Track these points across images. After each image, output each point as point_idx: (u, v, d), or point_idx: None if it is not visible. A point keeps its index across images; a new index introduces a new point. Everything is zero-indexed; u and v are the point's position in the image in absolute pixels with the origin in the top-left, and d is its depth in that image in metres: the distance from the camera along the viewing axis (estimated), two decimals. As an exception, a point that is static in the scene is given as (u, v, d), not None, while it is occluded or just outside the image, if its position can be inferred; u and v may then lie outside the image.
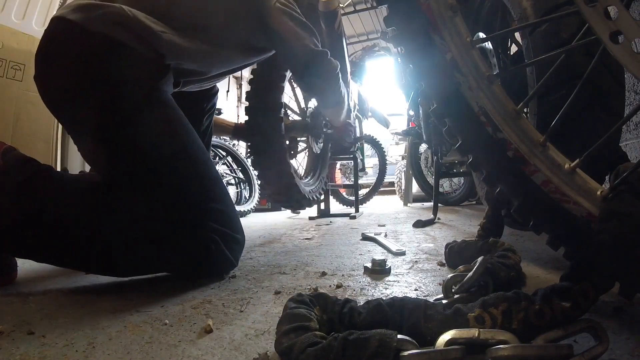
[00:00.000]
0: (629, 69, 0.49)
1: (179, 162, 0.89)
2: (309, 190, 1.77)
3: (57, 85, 0.87)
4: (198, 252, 0.86)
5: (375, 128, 4.02)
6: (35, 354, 0.50)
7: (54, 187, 0.84)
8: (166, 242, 0.85)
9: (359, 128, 2.95)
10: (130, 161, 0.87)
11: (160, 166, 0.87)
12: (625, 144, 1.36)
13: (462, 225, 1.91)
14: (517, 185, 0.64)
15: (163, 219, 0.85)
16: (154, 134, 0.87)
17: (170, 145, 0.89)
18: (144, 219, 0.84)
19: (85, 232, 0.80)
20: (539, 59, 0.74)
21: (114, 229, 0.82)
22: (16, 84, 1.67)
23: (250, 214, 3.13)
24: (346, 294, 0.74)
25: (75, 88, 0.85)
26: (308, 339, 0.40)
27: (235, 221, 0.96)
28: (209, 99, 1.32)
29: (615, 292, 0.48)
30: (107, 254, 0.82)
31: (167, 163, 0.88)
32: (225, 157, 3.31)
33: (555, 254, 0.78)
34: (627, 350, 0.45)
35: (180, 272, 0.91)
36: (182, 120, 0.94)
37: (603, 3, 0.49)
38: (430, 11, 0.63)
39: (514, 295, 0.44)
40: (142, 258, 0.85)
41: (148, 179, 0.87)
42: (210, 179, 0.95)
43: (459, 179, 3.42)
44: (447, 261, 0.97)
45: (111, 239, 0.81)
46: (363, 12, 5.89)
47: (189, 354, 0.49)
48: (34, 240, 0.79)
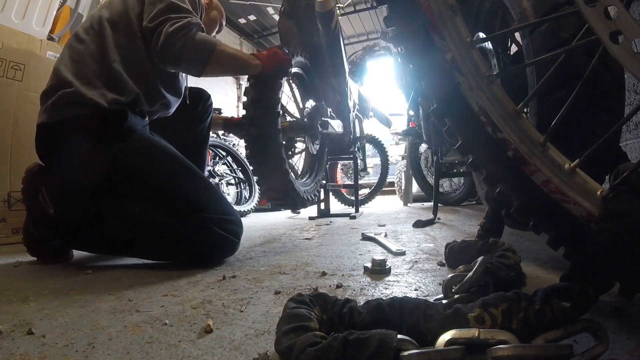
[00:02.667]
0: (629, 69, 0.49)
1: (162, 175, 1.10)
2: (304, 190, 1.76)
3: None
4: (196, 241, 1.04)
5: (376, 128, 4.02)
6: (35, 354, 0.50)
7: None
8: (166, 236, 1.06)
9: (360, 128, 2.94)
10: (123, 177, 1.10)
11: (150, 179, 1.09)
12: (625, 144, 1.36)
13: (462, 225, 1.91)
14: (517, 185, 0.64)
15: (162, 219, 1.06)
16: (136, 157, 1.09)
17: (152, 162, 1.11)
18: (146, 219, 1.07)
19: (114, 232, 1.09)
20: (539, 59, 0.74)
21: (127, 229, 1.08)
22: (16, 84, 1.67)
23: (250, 214, 3.12)
24: (346, 294, 0.74)
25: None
26: (308, 339, 0.40)
27: (222, 204, 1.14)
28: (199, 104, 1.45)
29: (615, 292, 0.48)
30: (130, 245, 1.12)
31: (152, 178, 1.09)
32: (225, 157, 3.31)
33: (555, 254, 0.78)
34: (627, 350, 0.45)
35: (187, 259, 1.09)
36: (155, 141, 1.17)
37: (603, 3, 0.49)
38: (430, 11, 0.63)
39: (514, 295, 0.44)
40: (154, 249, 1.10)
41: (142, 189, 1.09)
42: (194, 179, 1.14)
43: (459, 179, 3.42)
44: (447, 261, 0.97)
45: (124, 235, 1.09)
46: (363, 12, 5.89)
47: (189, 354, 0.49)
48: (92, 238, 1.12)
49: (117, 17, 1.15)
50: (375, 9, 5.67)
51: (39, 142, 1.14)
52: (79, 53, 1.11)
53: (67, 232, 1.14)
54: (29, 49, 1.72)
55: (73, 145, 1.07)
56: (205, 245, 1.06)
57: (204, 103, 1.47)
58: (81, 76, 1.08)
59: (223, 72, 1.28)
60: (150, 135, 1.19)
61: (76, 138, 1.06)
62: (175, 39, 1.07)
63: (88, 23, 1.17)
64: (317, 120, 1.81)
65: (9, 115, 1.66)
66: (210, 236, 1.06)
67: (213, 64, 1.14)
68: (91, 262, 1.19)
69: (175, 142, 1.25)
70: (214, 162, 3.23)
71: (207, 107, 1.49)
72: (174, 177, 1.10)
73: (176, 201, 1.07)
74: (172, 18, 1.09)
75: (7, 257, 1.30)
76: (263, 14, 6.14)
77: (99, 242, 1.14)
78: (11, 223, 1.65)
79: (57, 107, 1.06)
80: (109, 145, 1.07)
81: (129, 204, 1.08)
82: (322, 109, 1.87)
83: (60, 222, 1.14)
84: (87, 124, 1.05)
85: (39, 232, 1.15)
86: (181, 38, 1.07)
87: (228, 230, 1.09)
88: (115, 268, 1.09)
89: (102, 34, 1.12)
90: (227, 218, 1.11)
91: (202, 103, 1.46)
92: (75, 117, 1.05)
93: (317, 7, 1.78)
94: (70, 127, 1.06)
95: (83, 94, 1.05)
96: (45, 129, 1.09)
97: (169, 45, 1.07)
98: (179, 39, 1.07)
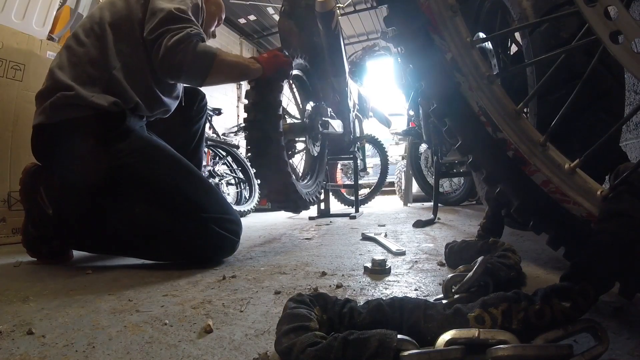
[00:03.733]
0: (629, 69, 0.49)
1: (160, 175, 1.10)
2: (306, 192, 1.76)
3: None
4: (196, 240, 1.05)
5: (376, 128, 4.02)
6: (35, 354, 0.50)
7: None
8: (166, 236, 1.06)
9: (360, 128, 2.94)
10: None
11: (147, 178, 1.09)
12: (625, 144, 1.36)
13: (462, 225, 1.91)
14: (517, 185, 0.64)
15: (161, 219, 1.07)
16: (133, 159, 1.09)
17: (149, 161, 1.11)
18: (145, 219, 1.08)
19: (114, 231, 1.10)
20: (539, 59, 0.74)
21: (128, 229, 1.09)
22: (16, 84, 1.67)
23: (250, 214, 3.12)
24: (346, 294, 0.74)
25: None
26: (308, 339, 0.40)
27: (221, 204, 1.14)
28: (194, 104, 1.46)
29: (615, 292, 0.48)
30: (129, 246, 1.12)
31: (151, 177, 1.09)
32: (225, 157, 3.31)
33: (555, 254, 0.78)
34: (627, 350, 0.45)
35: (187, 259, 1.09)
36: (154, 141, 1.17)
37: (603, 3, 0.49)
38: (430, 11, 0.63)
39: (514, 295, 0.44)
40: (154, 249, 1.10)
41: (141, 189, 1.09)
42: (194, 179, 1.14)
43: (459, 179, 3.41)
44: (447, 261, 0.97)
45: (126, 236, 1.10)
46: (363, 12, 5.89)
47: (189, 354, 0.49)
48: (91, 238, 1.14)
49: (119, 21, 1.14)
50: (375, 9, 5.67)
51: (36, 143, 1.13)
52: (79, 56, 1.11)
53: (67, 232, 1.14)
54: (29, 49, 1.72)
55: (72, 145, 1.06)
56: (205, 245, 1.06)
57: (199, 103, 1.48)
58: (81, 80, 1.07)
59: (225, 81, 1.28)
60: (149, 136, 1.19)
61: (75, 138, 1.06)
62: (174, 52, 1.06)
63: (89, 24, 1.16)
64: (318, 121, 1.81)
65: (9, 115, 1.66)
66: (210, 236, 1.06)
67: (214, 74, 1.14)
68: (91, 262, 1.19)
69: (171, 142, 1.25)
70: (214, 162, 3.22)
71: (202, 107, 1.49)
72: (173, 177, 1.10)
73: (176, 201, 1.07)
74: (172, 30, 1.08)
75: (7, 257, 1.30)
76: (263, 14, 6.14)
77: (99, 242, 1.14)
78: (11, 223, 1.65)
79: (56, 108, 1.06)
80: (109, 145, 1.07)
81: (128, 203, 1.08)
82: (322, 109, 1.87)
83: (59, 222, 1.14)
84: (86, 124, 1.05)
85: (38, 233, 1.15)
86: (181, 51, 1.06)
87: (228, 230, 1.09)
88: (115, 268, 1.09)
89: (104, 38, 1.12)
90: (227, 217, 1.11)
91: (197, 103, 1.47)
92: (75, 119, 1.05)
93: (317, 7, 1.79)
94: (70, 128, 1.06)
95: (84, 97, 1.04)
96: (43, 129, 1.09)
97: (169, 58, 1.07)
98: (178, 52, 1.06)
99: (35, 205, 1.16)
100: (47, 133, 1.09)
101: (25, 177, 1.18)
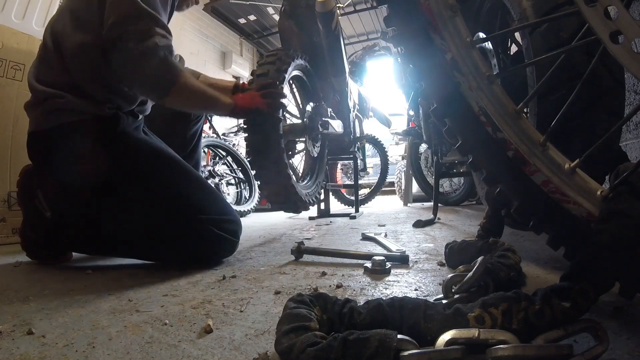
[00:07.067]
0: (629, 69, 0.49)
1: (159, 174, 1.10)
2: (306, 193, 1.76)
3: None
4: (194, 242, 1.05)
5: (376, 128, 4.02)
6: (35, 354, 0.50)
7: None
8: (165, 237, 1.05)
9: (360, 128, 2.94)
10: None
11: (148, 176, 1.08)
12: (625, 144, 1.36)
13: (462, 225, 1.91)
14: (517, 185, 0.64)
15: (160, 220, 1.05)
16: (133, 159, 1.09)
17: (146, 163, 1.10)
18: (144, 220, 1.05)
19: (112, 233, 1.08)
20: (539, 59, 0.74)
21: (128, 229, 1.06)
22: (16, 83, 1.67)
23: (250, 214, 3.12)
24: (346, 294, 0.74)
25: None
26: (308, 339, 0.40)
27: (220, 205, 1.14)
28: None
29: (615, 292, 0.48)
30: (130, 247, 1.11)
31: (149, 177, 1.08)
32: (225, 157, 3.31)
33: (555, 254, 0.78)
34: (627, 350, 0.45)
35: (187, 260, 1.08)
36: (152, 143, 1.16)
37: (603, 3, 0.49)
38: (430, 11, 0.63)
39: (514, 295, 0.44)
40: (152, 251, 1.10)
41: (139, 188, 1.07)
42: (192, 181, 1.13)
43: (459, 179, 3.41)
44: (447, 261, 0.97)
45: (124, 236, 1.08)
46: (363, 12, 5.89)
47: (189, 354, 0.49)
48: (90, 240, 1.12)
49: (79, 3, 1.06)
50: (375, 9, 5.67)
51: (32, 149, 1.12)
52: (48, 61, 1.07)
53: (65, 235, 1.14)
54: (29, 49, 1.72)
55: (69, 149, 1.05)
56: (204, 246, 1.06)
57: None
58: (59, 86, 1.04)
59: (187, 108, 1.21)
60: (146, 137, 1.19)
61: (71, 142, 1.05)
62: (134, 63, 0.94)
63: (55, 16, 1.11)
64: (318, 121, 1.81)
65: (9, 115, 1.66)
66: (209, 237, 1.06)
67: (172, 98, 1.03)
68: (91, 262, 1.19)
69: (170, 143, 1.24)
70: (214, 162, 3.22)
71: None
72: (171, 179, 1.09)
73: (174, 203, 1.06)
74: (135, 33, 0.94)
75: (7, 257, 1.30)
76: (263, 14, 6.13)
77: (98, 244, 1.14)
78: (11, 223, 1.65)
79: (48, 114, 1.04)
80: (106, 147, 1.06)
81: (127, 205, 1.07)
82: (322, 109, 1.87)
83: (57, 225, 1.13)
84: (81, 128, 1.04)
85: (37, 236, 1.15)
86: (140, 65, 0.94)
87: (227, 230, 1.09)
88: (115, 268, 1.09)
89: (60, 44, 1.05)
90: (225, 218, 1.11)
91: None
92: (69, 123, 1.04)
93: (317, 7, 1.78)
94: (65, 133, 1.05)
95: (73, 102, 1.03)
96: (37, 136, 1.08)
97: (126, 70, 0.97)
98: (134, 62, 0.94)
99: (33, 208, 1.15)
100: (43, 139, 1.08)
101: (23, 180, 1.18)
